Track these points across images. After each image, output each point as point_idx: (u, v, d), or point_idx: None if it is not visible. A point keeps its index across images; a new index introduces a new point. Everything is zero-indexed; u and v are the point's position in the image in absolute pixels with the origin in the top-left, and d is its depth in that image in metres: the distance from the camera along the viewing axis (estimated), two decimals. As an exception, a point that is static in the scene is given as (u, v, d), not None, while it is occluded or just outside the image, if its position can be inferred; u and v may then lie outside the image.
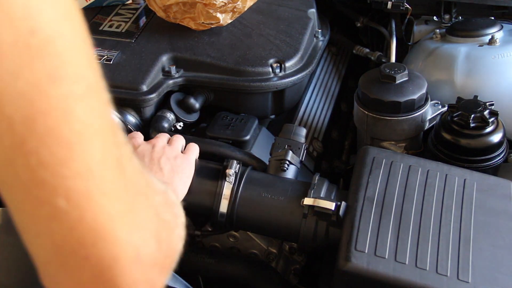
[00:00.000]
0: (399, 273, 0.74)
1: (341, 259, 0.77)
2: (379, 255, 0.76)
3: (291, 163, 0.95)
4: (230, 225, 0.92)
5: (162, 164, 0.83)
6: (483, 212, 0.82)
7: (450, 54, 1.18)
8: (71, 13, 0.35)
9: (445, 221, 0.80)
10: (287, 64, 1.13)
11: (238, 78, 1.10)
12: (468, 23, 1.24)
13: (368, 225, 0.79)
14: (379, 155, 0.90)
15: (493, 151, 1.00)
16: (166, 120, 1.06)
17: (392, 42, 1.36)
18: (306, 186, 0.90)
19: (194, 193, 0.90)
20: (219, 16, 1.12)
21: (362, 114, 1.09)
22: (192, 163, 0.90)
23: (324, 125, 1.32)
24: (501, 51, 1.15)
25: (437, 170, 0.88)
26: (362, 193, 0.84)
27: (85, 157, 0.35)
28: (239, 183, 0.91)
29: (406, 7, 1.32)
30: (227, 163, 0.93)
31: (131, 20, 1.24)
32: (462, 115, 0.99)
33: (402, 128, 1.07)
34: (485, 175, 0.89)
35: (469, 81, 1.14)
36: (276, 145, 0.98)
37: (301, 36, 1.20)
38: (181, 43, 1.15)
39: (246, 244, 1.04)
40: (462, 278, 0.74)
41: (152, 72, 1.08)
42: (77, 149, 0.35)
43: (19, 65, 0.32)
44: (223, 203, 0.90)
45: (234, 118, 1.10)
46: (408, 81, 1.07)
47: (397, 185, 0.85)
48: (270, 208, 0.89)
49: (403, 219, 0.80)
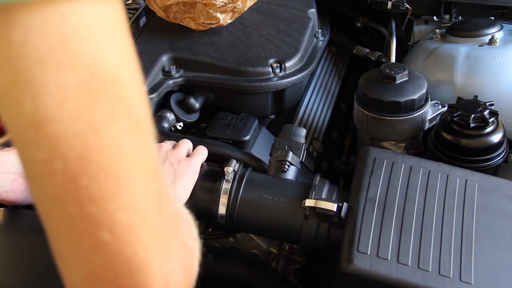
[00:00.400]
0: (402, 274, 0.74)
1: (343, 261, 0.77)
2: (381, 256, 0.76)
3: (292, 164, 0.95)
4: (231, 227, 0.92)
5: (165, 169, 0.83)
6: (485, 212, 0.82)
7: (450, 54, 1.18)
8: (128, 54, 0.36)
9: (447, 222, 0.80)
10: (287, 64, 1.12)
11: (238, 78, 1.10)
12: (468, 23, 1.24)
13: (370, 227, 0.79)
14: (380, 156, 0.90)
15: (493, 151, 1.00)
16: (166, 120, 1.06)
17: (392, 42, 1.36)
18: (307, 187, 0.89)
19: (194, 195, 0.90)
20: (219, 16, 1.12)
21: (362, 114, 1.09)
22: (196, 166, 0.89)
23: (324, 125, 1.32)
24: (501, 51, 1.15)
25: (438, 170, 0.88)
26: (363, 194, 0.84)
27: (131, 191, 0.36)
28: (240, 184, 0.91)
29: (406, 7, 1.32)
30: (226, 163, 0.93)
31: (131, 20, 1.24)
32: (462, 115, 0.99)
33: (402, 128, 1.07)
34: (486, 176, 0.89)
35: (469, 81, 1.14)
36: (276, 146, 0.98)
37: (301, 36, 1.19)
38: (181, 43, 1.14)
39: (246, 244, 1.04)
40: (464, 280, 0.74)
41: (152, 72, 1.07)
42: (124, 185, 0.36)
43: (79, 108, 0.33)
44: (222, 203, 0.90)
45: (234, 118, 1.10)
46: (408, 81, 1.07)
47: (398, 186, 0.85)
48: (271, 210, 0.89)
49: (405, 220, 0.80)
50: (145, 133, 0.38)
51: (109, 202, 0.35)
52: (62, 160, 0.34)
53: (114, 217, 0.36)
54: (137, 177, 0.37)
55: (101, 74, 0.33)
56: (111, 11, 0.34)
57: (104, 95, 0.34)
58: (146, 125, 0.38)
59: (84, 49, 0.33)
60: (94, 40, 0.33)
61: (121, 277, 0.38)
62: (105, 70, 0.34)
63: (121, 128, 0.35)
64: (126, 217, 0.36)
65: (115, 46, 0.35)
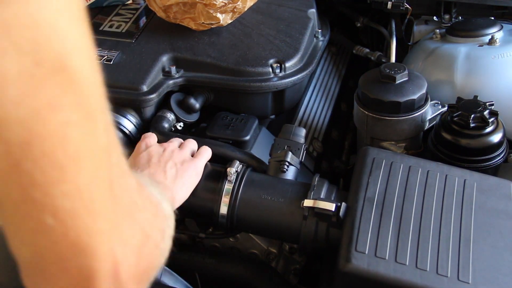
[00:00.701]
0: (400, 274, 0.74)
1: (341, 260, 0.77)
2: (379, 256, 0.76)
3: (291, 164, 0.95)
4: (231, 227, 0.92)
5: (168, 168, 0.84)
6: (484, 212, 0.82)
7: (450, 54, 1.18)
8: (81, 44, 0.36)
9: (445, 222, 0.80)
10: (287, 64, 1.13)
11: (238, 78, 1.10)
12: (468, 23, 1.24)
13: (368, 226, 0.79)
14: (379, 156, 0.90)
15: (493, 151, 1.00)
16: (166, 120, 1.06)
17: (392, 42, 1.36)
18: (306, 187, 0.90)
19: (196, 194, 0.91)
20: (219, 16, 1.12)
21: (362, 114, 1.09)
22: (199, 167, 0.90)
23: (324, 125, 1.33)
24: (501, 51, 1.15)
25: (437, 170, 0.88)
26: (362, 194, 0.84)
27: (75, 178, 0.37)
28: (239, 185, 0.91)
29: (406, 7, 1.32)
30: (229, 164, 0.93)
31: (131, 20, 1.24)
32: (462, 115, 0.99)
33: (402, 128, 1.07)
34: (485, 176, 0.89)
35: (469, 81, 1.14)
36: (276, 146, 0.98)
37: (301, 36, 1.20)
38: (181, 43, 1.15)
39: (246, 244, 1.05)
40: (462, 279, 0.74)
41: (152, 72, 1.08)
42: (68, 171, 0.37)
43: (22, 94, 0.33)
44: (224, 202, 0.90)
45: (234, 118, 1.10)
46: (408, 81, 1.07)
47: (397, 186, 0.85)
48: (270, 210, 0.89)
49: (403, 220, 0.80)
50: (95, 121, 0.38)
51: (52, 187, 0.36)
52: (4, 144, 0.34)
53: (57, 203, 0.36)
54: (83, 165, 0.37)
55: (46, 63, 0.34)
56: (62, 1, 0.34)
57: (50, 83, 0.34)
58: (97, 114, 0.38)
59: (27, 36, 0.33)
60: (38, 28, 0.33)
61: (65, 260, 0.39)
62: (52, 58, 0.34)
63: (68, 116, 0.35)
64: (69, 203, 0.37)
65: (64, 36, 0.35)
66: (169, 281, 0.83)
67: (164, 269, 0.84)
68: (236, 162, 0.93)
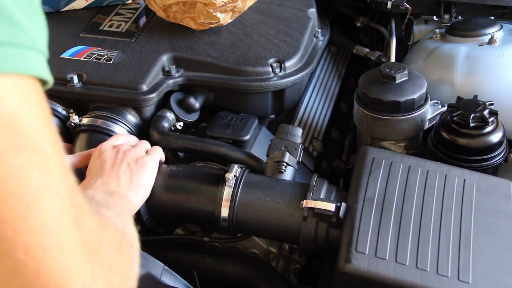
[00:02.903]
0: (400, 274, 0.74)
1: (341, 261, 0.77)
2: (379, 256, 0.76)
3: (289, 165, 0.95)
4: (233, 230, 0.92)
5: (121, 172, 0.84)
6: (483, 212, 0.82)
7: (450, 54, 1.18)
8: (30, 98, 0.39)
9: (445, 222, 0.80)
10: (287, 64, 1.13)
11: (238, 78, 1.10)
12: (468, 23, 1.24)
13: (368, 226, 0.79)
14: (379, 156, 0.90)
15: (493, 150, 1.00)
16: (166, 119, 1.06)
17: (392, 42, 1.36)
18: (305, 188, 0.90)
19: (197, 199, 0.91)
20: (219, 16, 1.12)
21: (362, 114, 1.09)
22: (153, 163, 0.90)
23: (324, 125, 1.33)
24: (501, 51, 1.15)
25: (436, 170, 0.88)
26: (362, 194, 0.84)
27: (41, 214, 0.39)
28: (238, 188, 0.91)
29: (406, 7, 1.32)
30: (228, 167, 0.93)
31: (131, 20, 1.24)
32: (462, 114, 0.99)
33: (402, 127, 1.07)
34: (485, 175, 0.89)
35: (469, 80, 1.14)
36: (273, 146, 0.98)
37: (301, 36, 1.20)
38: (181, 43, 1.14)
39: (246, 244, 1.04)
40: (462, 279, 0.74)
41: (152, 71, 1.08)
42: (34, 208, 0.39)
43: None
44: (224, 207, 0.90)
45: (234, 118, 1.10)
46: (408, 80, 1.07)
47: (397, 186, 0.85)
48: (269, 212, 0.89)
49: (403, 220, 0.80)
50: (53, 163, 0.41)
51: (21, 223, 0.38)
52: None
53: (27, 239, 0.38)
54: (48, 202, 0.40)
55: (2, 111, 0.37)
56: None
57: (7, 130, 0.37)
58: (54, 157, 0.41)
59: None
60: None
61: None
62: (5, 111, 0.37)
63: (27, 158, 0.38)
64: (38, 238, 0.39)
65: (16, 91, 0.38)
66: (169, 281, 0.83)
67: (164, 269, 0.84)
68: (234, 167, 0.93)
